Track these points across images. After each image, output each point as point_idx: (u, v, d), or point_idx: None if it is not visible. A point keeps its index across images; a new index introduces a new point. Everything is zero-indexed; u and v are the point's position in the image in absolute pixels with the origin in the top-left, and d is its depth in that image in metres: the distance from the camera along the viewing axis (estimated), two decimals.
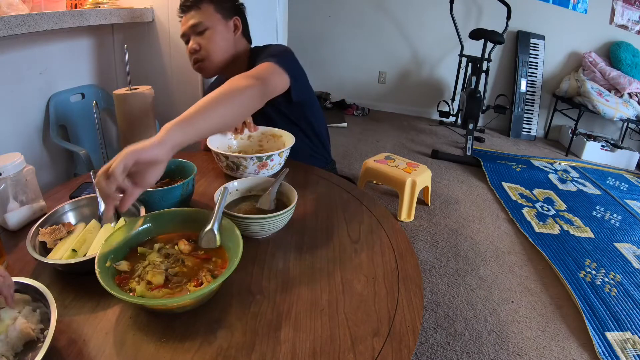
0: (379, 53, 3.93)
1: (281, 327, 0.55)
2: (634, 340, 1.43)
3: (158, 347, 0.51)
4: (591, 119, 3.41)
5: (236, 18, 1.15)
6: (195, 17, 1.09)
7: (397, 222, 0.82)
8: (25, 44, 1.34)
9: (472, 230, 2.08)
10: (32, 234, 0.63)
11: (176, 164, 0.87)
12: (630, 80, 3.09)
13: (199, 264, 0.61)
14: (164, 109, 1.78)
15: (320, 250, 0.72)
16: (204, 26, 1.09)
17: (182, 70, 1.71)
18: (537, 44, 3.48)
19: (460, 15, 3.44)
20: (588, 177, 2.83)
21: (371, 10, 3.79)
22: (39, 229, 0.65)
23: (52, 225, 0.68)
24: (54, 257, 0.62)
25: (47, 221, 0.68)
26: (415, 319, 0.57)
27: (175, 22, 1.65)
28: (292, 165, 0.95)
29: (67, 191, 0.86)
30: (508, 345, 1.38)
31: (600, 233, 2.10)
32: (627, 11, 3.28)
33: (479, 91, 2.98)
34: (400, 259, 0.71)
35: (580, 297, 1.61)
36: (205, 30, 1.09)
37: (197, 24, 1.09)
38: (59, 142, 1.47)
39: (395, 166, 2.14)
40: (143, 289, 0.54)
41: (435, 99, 3.83)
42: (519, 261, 1.85)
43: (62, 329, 0.52)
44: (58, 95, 1.49)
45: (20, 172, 0.72)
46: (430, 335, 1.40)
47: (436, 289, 1.63)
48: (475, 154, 2.95)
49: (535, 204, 2.37)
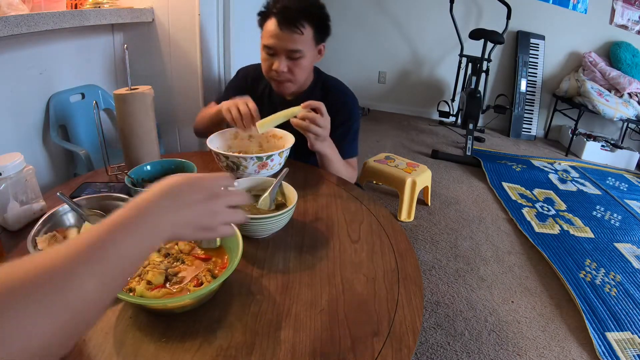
0: (379, 53, 3.93)
1: (281, 327, 0.55)
2: (634, 340, 1.43)
3: (158, 347, 0.51)
4: (591, 119, 3.41)
5: (323, 44, 1.13)
6: (296, 43, 1.03)
7: (397, 222, 0.82)
8: (25, 44, 1.33)
9: (472, 230, 2.08)
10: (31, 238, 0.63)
11: (176, 164, 0.87)
12: (630, 80, 3.09)
13: (199, 264, 0.61)
14: (164, 109, 1.78)
15: (320, 250, 0.72)
16: (301, 54, 1.05)
17: (182, 70, 1.71)
18: (537, 44, 3.48)
19: (460, 15, 3.43)
20: (588, 177, 2.83)
21: (371, 10, 3.79)
22: (35, 239, 0.63)
23: (50, 226, 0.68)
24: None
25: (47, 221, 0.68)
26: (415, 319, 0.57)
27: (176, 22, 1.65)
28: (292, 165, 0.95)
29: (67, 191, 0.86)
30: (508, 345, 1.38)
31: (600, 233, 2.10)
32: (627, 11, 3.28)
33: (479, 91, 2.98)
34: (400, 259, 0.71)
35: (580, 297, 1.61)
36: (300, 58, 1.06)
37: (296, 50, 1.04)
38: (59, 142, 1.47)
39: (395, 166, 2.13)
40: (143, 289, 0.54)
41: (435, 99, 3.83)
42: (519, 261, 1.85)
43: None
44: (58, 95, 1.49)
45: (20, 172, 0.72)
46: (430, 335, 1.40)
47: (436, 289, 1.63)
48: (475, 154, 2.95)
49: (535, 204, 2.37)
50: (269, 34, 1.04)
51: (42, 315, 0.27)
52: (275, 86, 1.13)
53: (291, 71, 1.07)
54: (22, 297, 0.27)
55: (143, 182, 0.84)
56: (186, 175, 0.43)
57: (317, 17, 1.06)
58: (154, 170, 0.86)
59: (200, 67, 1.68)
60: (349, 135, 1.16)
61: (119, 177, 0.92)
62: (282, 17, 1.02)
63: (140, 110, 0.88)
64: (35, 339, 0.26)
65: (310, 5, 1.04)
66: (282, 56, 1.05)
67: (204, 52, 1.68)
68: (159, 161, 0.88)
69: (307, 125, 0.94)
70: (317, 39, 1.09)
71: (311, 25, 1.04)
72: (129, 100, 0.87)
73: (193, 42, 1.65)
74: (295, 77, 1.09)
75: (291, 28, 1.02)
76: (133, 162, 0.89)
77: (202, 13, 1.61)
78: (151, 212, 0.38)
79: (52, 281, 0.28)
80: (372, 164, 2.17)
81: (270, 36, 1.04)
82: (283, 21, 1.01)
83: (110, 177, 0.92)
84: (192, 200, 0.41)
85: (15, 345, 0.25)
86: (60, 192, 0.69)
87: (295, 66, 1.07)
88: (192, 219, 0.41)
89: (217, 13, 1.66)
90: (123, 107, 0.87)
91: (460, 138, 3.39)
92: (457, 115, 3.61)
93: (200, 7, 1.60)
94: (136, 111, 0.88)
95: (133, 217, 0.37)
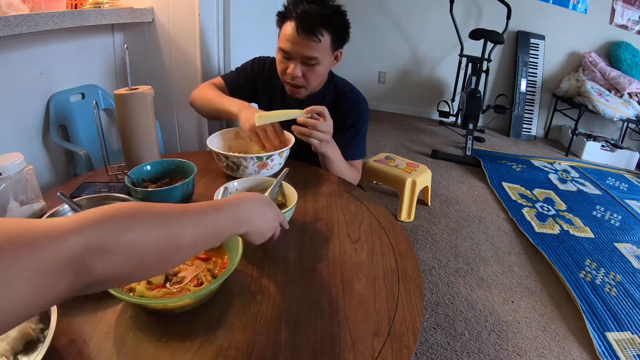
0: (379, 53, 3.93)
1: (281, 327, 0.55)
2: (634, 340, 1.43)
3: (158, 347, 0.51)
4: (591, 119, 3.41)
5: (340, 51, 1.11)
6: (312, 50, 1.00)
7: (397, 222, 0.82)
8: (25, 44, 1.33)
9: (472, 230, 2.08)
10: None
11: (176, 164, 0.87)
12: (630, 80, 3.09)
13: (199, 264, 0.61)
14: (164, 109, 1.78)
15: (320, 250, 0.72)
16: (317, 61, 1.03)
17: (182, 70, 1.71)
18: (537, 44, 3.48)
19: (460, 15, 3.44)
20: (588, 177, 2.83)
21: (371, 10, 3.79)
22: None
23: None
24: None
25: None
26: (415, 319, 0.57)
27: (176, 22, 1.65)
28: (292, 165, 0.95)
29: (67, 191, 0.86)
30: (508, 345, 1.38)
31: (600, 233, 2.10)
32: (627, 11, 3.28)
33: (479, 91, 2.98)
34: (400, 259, 0.71)
35: (580, 297, 1.61)
36: (315, 65, 1.04)
37: (312, 57, 1.02)
38: (59, 142, 1.47)
39: (395, 166, 2.13)
40: (143, 289, 0.54)
41: (435, 99, 3.83)
42: (519, 261, 1.85)
43: (62, 328, 0.52)
44: (58, 95, 1.49)
45: (20, 172, 0.72)
46: (430, 335, 1.40)
47: (436, 289, 1.63)
48: (475, 154, 2.95)
49: (535, 204, 2.37)
50: (286, 38, 1.02)
51: (156, 232, 0.39)
52: (289, 89, 1.12)
53: (305, 77, 1.05)
54: (152, 218, 0.40)
55: (143, 182, 0.84)
56: (271, 202, 0.60)
57: (337, 26, 1.03)
58: (154, 170, 0.86)
59: (200, 67, 1.68)
60: (357, 137, 1.15)
61: (119, 177, 0.92)
62: (301, 22, 0.98)
63: (140, 110, 0.88)
64: (146, 249, 0.38)
65: (332, 14, 1.01)
66: (298, 61, 1.03)
67: (204, 52, 1.68)
68: (159, 161, 0.88)
69: (309, 132, 0.93)
70: (335, 46, 1.07)
71: (330, 32, 1.01)
72: (129, 100, 0.87)
73: (193, 42, 1.64)
74: (309, 83, 1.07)
75: (309, 35, 0.98)
76: (133, 162, 0.89)
77: (202, 13, 1.61)
78: (244, 208, 0.52)
79: (171, 216, 0.42)
80: (372, 164, 2.17)
81: (287, 40, 1.01)
82: (301, 27, 0.98)
83: (110, 177, 0.92)
84: (270, 217, 0.57)
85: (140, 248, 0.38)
86: (60, 192, 0.69)
87: (310, 72, 1.05)
88: (263, 231, 0.56)
89: (217, 13, 1.66)
90: (123, 107, 0.87)
91: (460, 138, 3.39)
92: (457, 115, 3.61)
93: (200, 7, 1.60)
94: (136, 111, 0.88)
95: (232, 204, 0.51)
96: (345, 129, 1.12)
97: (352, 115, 1.14)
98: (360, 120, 1.16)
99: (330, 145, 1.01)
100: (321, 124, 0.94)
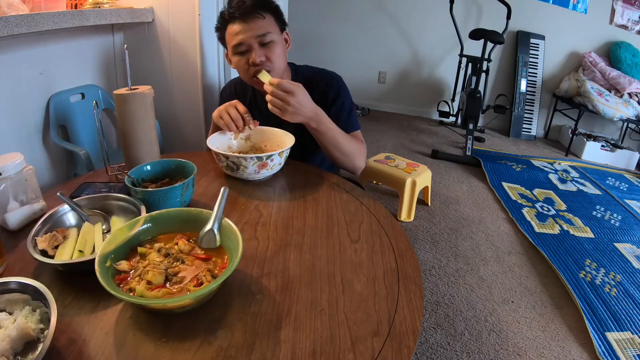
0: (379, 53, 3.93)
1: (281, 327, 0.55)
2: (634, 340, 1.43)
3: (158, 347, 0.51)
4: (591, 119, 3.40)
5: (287, 33, 1.14)
6: (261, 27, 1.03)
7: (397, 222, 0.82)
8: (25, 44, 1.34)
9: (472, 230, 2.08)
10: (31, 238, 0.63)
11: (176, 164, 0.87)
12: (630, 80, 3.09)
13: (199, 264, 0.61)
14: (164, 109, 1.78)
15: (320, 250, 0.72)
16: (270, 37, 1.04)
17: (182, 70, 1.71)
18: (537, 44, 3.48)
19: (460, 15, 3.44)
20: (588, 177, 2.83)
21: (371, 10, 3.79)
22: (35, 239, 0.64)
23: (50, 226, 0.68)
24: None
25: (47, 221, 0.68)
26: (415, 319, 0.57)
27: (176, 22, 1.66)
28: (292, 165, 0.95)
29: (67, 191, 0.86)
30: (508, 345, 1.38)
31: (600, 233, 2.10)
32: (627, 11, 3.28)
33: (479, 91, 2.98)
34: (400, 259, 0.71)
35: (580, 297, 1.61)
36: (270, 42, 1.05)
37: (265, 34, 1.03)
38: (59, 142, 1.47)
39: (395, 166, 2.14)
40: (143, 289, 0.54)
41: (435, 99, 3.83)
42: (519, 261, 1.85)
43: (62, 328, 0.52)
44: (58, 95, 1.49)
45: (20, 172, 0.72)
46: (430, 335, 1.40)
47: (436, 289, 1.63)
48: (475, 154, 2.95)
49: (535, 204, 2.37)
50: (235, 33, 1.05)
51: None
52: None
53: (269, 59, 1.06)
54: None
55: (143, 182, 0.84)
56: None
57: (271, 5, 1.08)
58: (154, 170, 0.86)
59: (200, 67, 1.68)
60: (343, 111, 1.15)
61: (119, 177, 0.92)
62: (240, 11, 1.03)
63: (140, 110, 0.88)
64: None
65: None
66: (255, 46, 1.05)
67: (204, 52, 1.68)
68: (159, 161, 0.88)
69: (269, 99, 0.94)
70: (280, 26, 1.10)
71: (269, 11, 1.06)
72: (129, 100, 0.87)
73: (193, 42, 1.65)
74: (273, 64, 1.07)
75: (252, 16, 1.03)
76: (133, 162, 0.89)
77: (202, 13, 1.61)
78: None
79: None
80: (372, 164, 2.17)
81: (236, 34, 1.05)
82: (242, 14, 1.03)
83: (110, 177, 0.92)
84: None
85: None
86: (60, 192, 0.69)
87: (270, 52, 1.06)
88: None
89: (217, 13, 1.66)
90: (123, 107, 0.87)
91: (460, 138, 3.39)
92: (457, 115, 3.61)
93: (200, 7, 1.60)
94: (136, 111, 0.88)
95: None
96: (328, 108, 1.10)
97: (329, 93, 1.14)
98: (339, 94, 1.15)
99: (306, 116, 0.98)
100: (275, 90, 0.93)
